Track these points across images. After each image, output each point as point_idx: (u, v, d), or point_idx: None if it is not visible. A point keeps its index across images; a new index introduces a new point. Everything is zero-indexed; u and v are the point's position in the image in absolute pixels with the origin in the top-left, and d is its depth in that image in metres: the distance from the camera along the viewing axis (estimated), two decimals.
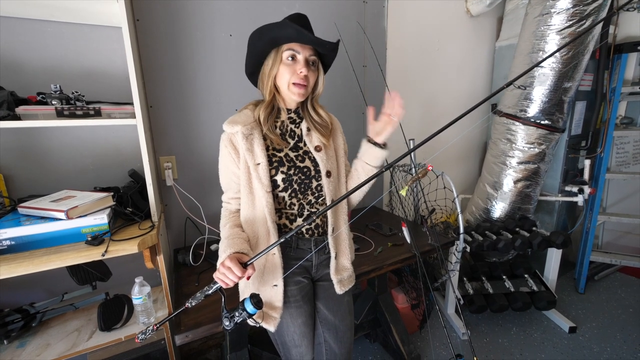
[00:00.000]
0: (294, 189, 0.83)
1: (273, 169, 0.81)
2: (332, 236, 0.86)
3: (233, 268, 0.69)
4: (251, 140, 0.80)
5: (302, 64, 0.78)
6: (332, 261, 0.87)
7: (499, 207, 1.87)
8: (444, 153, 2.21)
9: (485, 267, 1.82)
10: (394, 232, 1.44)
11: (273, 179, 0.81)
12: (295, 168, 0.83)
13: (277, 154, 0.83)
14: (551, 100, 1.68)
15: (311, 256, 0.87)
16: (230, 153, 0.81)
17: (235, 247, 0.75)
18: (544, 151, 1.75)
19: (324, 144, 0.86)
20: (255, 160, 0.79)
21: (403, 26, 1.82)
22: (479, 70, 2.25)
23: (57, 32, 1.07)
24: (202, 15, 1.29)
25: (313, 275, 0.90)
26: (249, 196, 0.82)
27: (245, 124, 0.81)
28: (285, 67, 0.78)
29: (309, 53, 0.79)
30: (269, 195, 0.80)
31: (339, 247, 0.89)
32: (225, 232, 0.83)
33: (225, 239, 0.79)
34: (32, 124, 0.88)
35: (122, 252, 0.89)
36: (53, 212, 0.89)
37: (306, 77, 0.78)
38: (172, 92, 1.28)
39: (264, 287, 0.82)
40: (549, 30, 1.60)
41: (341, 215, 0.89)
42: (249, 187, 0.81)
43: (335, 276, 0.87)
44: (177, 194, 1.29)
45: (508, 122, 1.80)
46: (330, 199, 0.85)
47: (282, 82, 0.80)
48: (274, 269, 0.82)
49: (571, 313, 1.79)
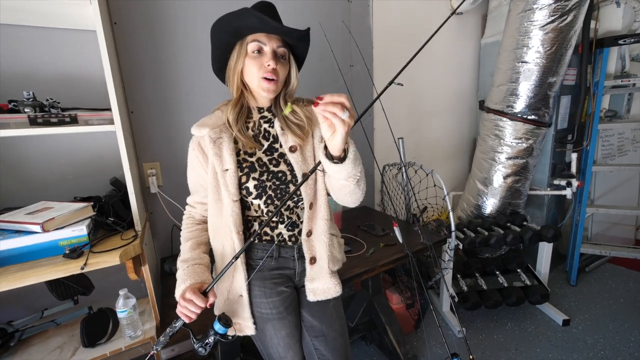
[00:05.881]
0: (269, 196, 0.77)
1: (244, 175, 0.76)
2: (306, 240, 0.80)
3: (194, 300, 0.66)
4: (220, 144, 0.75)
5: (270, 56, 0.71)
6: (306, 266, 0.81)
7: (489, 203, 1.88)
8: (434, 150, 2.22)
9: (479, 264, 1.83)
10: (386, 232, 1.43)
11: (245, 186, 0.76)
12: (268, 173, 0.77)
13: (249, 158, 0.77)
14: (537, 95, 1.70)
15: (294, 264, 0.83)
16: (198, 157, 0.77)
17: (194, 277, 0.72)
18: (532, 146, 1.77)
19: (299, 144, 0.78)
20: (223, 166, 0.74)
21: (388, 24, 1.82)
22: (465, 67, 2.27)
23: (31, 37, 1.02)
24: (183, 16, 1.26)
25: (296, 283, 0.86)
26: (217, 204, 0.77)
27: (214, 126, 0.76)
28: (251, 61, 0.71)
29: (277, 44, 0.72)
30: (235, 205, 0.75)
31: (316, 251, 0.81)
32: (185, 251, 0.80)
33: (184, 264, 0.76)
34: (3, 133, 0.84)
35: (102, 265, 0.85)
36: (28, 225, 0.84)
37: (275, 70, 0.71)
38: (154, 96, 1.25)
39: (232, 296, 0.79)
40: (532, 26, 1.62)
41: (319, 220, 0.81)
42: (217, 194, 0.76)
43: (309, 283, 0.81)
44: (162, 201, 1.25)
45: (496, 118, 1.81)
46: (309, 202, 0.79)
47: (250, 77, 0.73)
48: (240, 279, 0.77)
49: (564, 306, 1.80)
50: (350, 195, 0.73)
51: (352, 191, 0.72)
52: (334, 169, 0.63)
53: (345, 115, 0.54)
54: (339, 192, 0.75)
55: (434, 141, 2.20)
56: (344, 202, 0.78)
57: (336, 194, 0.77)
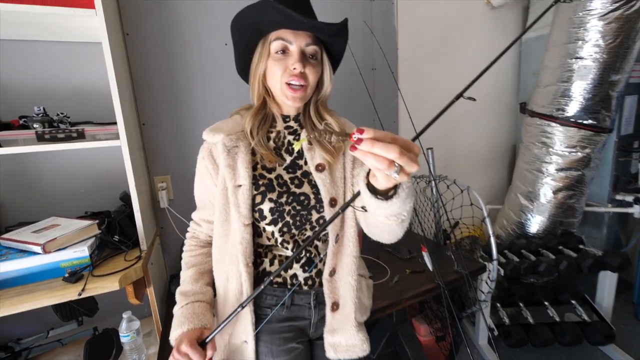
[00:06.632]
0: (286, 222, 0.64)
1: (259, 194, 0.63)
2: (328, 280, 0.66)
3: (191, 354, 0.55)
4: (234, 154, 0.63)
5: (296, 57, 0.59)
6: (327, 314, 0.66)
7: (535, 221, 1.63)
8: (467, 158, 2.01)
9: (522, 291, 1.58)
10: (413, 255, 1.26)
11: (258, 208, 0.63)
12: (288, 195, 0.64)
13: (267, 174, 0.65)
14: (595, 97, 1.45)
15: (309, 313, 0.69)
16: (208, 167, 0.66)
17: (194, 320, 0.61)
18: (589, 155, 1.51)
19: (329, 161, 0.65)
20: (236, 181, 0.63)
21: (416, 24, 1.67)
22: (504, 66, 2.03)
23: (45, 52, 1.02)
24: (195, 25, 1.21)
25: (311, 336, 0.71)
26: (224, 225, 0.65)
27: (230, 132, 0.64)
28: (274, 63, 0.60)
29: (306, 42, 0.60)
30: (246, 230, 0.62)
31: (340, 296, 0.67)
32: (185, 282, 0.69)
33: (184, 299, 0.65)
34: (7, 150, 0.82)
35: (101, 290, 0.80)
36: (30, 246, 0.82)
37: (303, 74, 0.60)
38: (166, 107, 1.21)
39: (235, 340, 0.67)
40: (589, 15, 1.38)
41: (346, 257, 0.67)
42: (225, 214, 0.64)
43: (329, 336, 0.66)
44: (170, 217, 1.20)
45: (542, 123, 1.58)
46: (335, 234, 0.64)
47: (273, 82, 0.62)
48: (246, 323, 0.65)
49: (633, 347, 1.50)
50: (389, 233, 0.58)
51: (391, 230, 0.56)
52: (375, 204, 0.45)
53: (395, 172, 0.36)
54: (374, 228, 0.60)
55: (467, 148, 1.99)
56: (376, 237, 0.63)
57: (370, 228, 0.62)
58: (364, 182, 0.45)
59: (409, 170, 0.36)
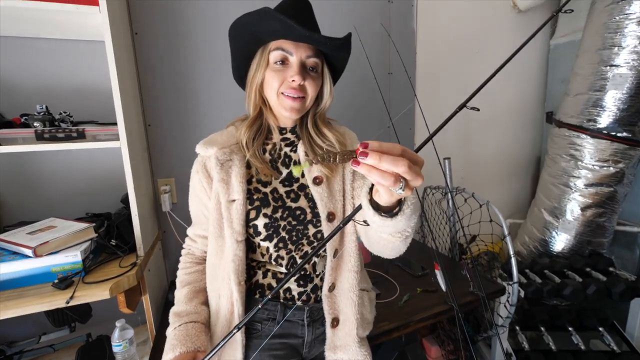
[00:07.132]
0: (282, 238, 0.62)
1: (253, 209, 0.61)
2: (328, 295, 0.63)
3: None
4: (228, 167, 0.62)
5: (296, 70, 0.57)
6: (327, 330, 0.63)
7: (560, 239, 1.51)
8: (487, 169, 1.90)
9: (544, 314, 1.46)
10: (425, 272, 1.17)
11: (253, 224, 0.61)
12: (284, 210, 0.62)
13: (262, 188, 0.63)
14: (631, 107, 1.34)
15: (302, 331, 0.65)
16: (202, 181, 0.64)
17: (187, 342, 0.57)
18: (623, 170, 1.39)
19: (326, 174, 0.63)
20: (230, 196, 0.61)
21: (436, 27, 1.59)
22: (530, 73, 1.92)
23: (49, 49, 1.01)
24: (204, 27, 1.18)
25: (304, 356, 0.67)
26: (218, 241, 0.63)
27: (224, 145, 0.63)
28: (272, 74, 0.58)
29: (307, 53, 0.58)
30: (239, 247, 0.60)
31: (340, 311, 0.64)
32: (180, 301, 0.65)
33: (178, 320, 0.61)
34: (11, 149, 0.80)
35: (90, 298, 0.76)
36: (22, 248, 0.79)
37: (302, 87, 0.58)
38: (172, 108, 1.18)
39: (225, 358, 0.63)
40: (627, 20, 1.28)
41: (346, 272, 0.64)
42: (219, 229, 0.62)
43: (330, 353, 0.63)
44: (171, 222, 1.16)
45: (571, 134, 1.47)
46: (333, 248, 0.62)
47: (269, 92, 0.60)
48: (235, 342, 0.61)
49: None
50: (391, 250, 0.55)
51: (394, 247, 0.53)
52: (379, 222, 0.42)
53: (400, 188, 0.34)
54: (376, 244, 0.56)
55: (487, 158, 1.88)
56: (377, 253, 0.60)
57: (371, 244, 0.59)
58: (366, 199, 0.42)
59: (414, 185, 0.35)
